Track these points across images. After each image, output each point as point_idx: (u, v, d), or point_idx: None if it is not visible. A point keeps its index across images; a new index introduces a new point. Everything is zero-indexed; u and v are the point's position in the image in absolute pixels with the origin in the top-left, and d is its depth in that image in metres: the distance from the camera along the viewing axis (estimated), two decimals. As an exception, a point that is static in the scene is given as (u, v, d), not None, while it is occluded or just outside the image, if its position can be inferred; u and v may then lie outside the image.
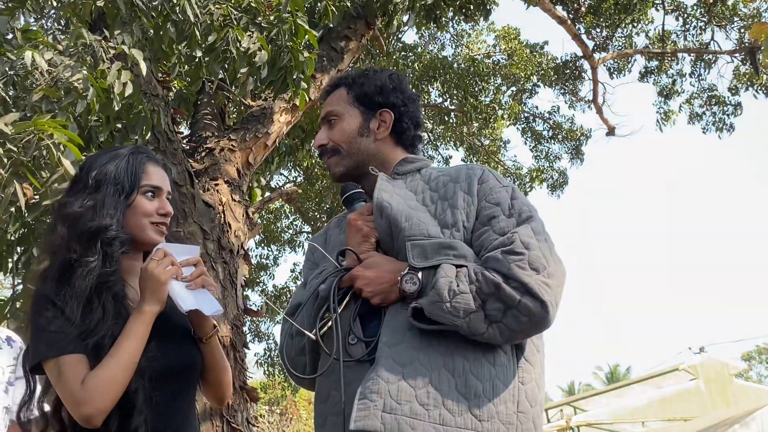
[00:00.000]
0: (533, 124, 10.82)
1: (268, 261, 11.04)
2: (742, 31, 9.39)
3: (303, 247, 10.85)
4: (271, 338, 10.68)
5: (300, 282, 1.91)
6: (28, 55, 2.75)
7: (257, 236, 10.18)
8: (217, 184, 4.40)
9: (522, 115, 10.62)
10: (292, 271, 11.14)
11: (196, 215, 4.04)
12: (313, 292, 1.57)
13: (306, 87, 3.98)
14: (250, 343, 8.41)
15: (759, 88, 9.66)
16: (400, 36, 9.45)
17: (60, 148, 2.48)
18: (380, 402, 1.35)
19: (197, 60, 3.73)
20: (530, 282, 1.37)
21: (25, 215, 2.65)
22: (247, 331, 10.04)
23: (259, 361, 10.61)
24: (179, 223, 3.88)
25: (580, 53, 9.96)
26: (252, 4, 3.84)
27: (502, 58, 10.44)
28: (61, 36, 4.18)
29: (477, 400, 1.37)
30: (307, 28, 3.82)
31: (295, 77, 3.84)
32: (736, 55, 9.72)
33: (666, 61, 10.14)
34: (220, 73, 3.89)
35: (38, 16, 4.65)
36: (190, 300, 1.55)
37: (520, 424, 1.40)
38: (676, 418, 13.01)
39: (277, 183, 9.82)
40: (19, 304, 3.10)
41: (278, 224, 11.08)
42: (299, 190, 8.60)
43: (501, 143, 10.83)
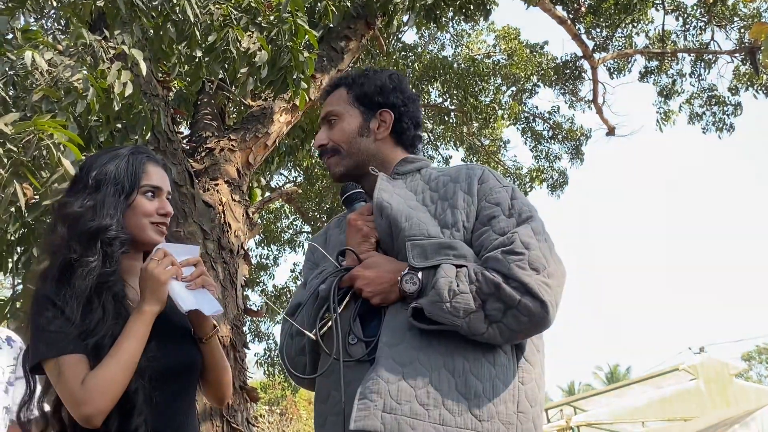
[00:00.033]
0: (533, 124, 10.82)
1: (268, 261, 11.05)
2: (742, 31, 9.38)
3: (303, 247, 10.85)
4: (271, 338, 10.69)
5: (300, 282, 1.90)
6: (28, 55, 2.75)
7: (257, 236, 10.18)
8: (217, 184, 4.40)
9: (522, 115, 10.62)
10: (292, 271, 11.15)
11: (196, 215, 4.04)
12: (313, 292, 1.57)
13: (306, 87, 3.98)
14: (250, 343, 8.40)
15: (759, 88, 9.66)
16: (400, 36, 9.45)
17: (60, 148, 2.48)
18: (380, 402, 1.35)
19: (197, 60, 3.73)
20: (530, 282, 1.37)
21: (25, 215, 2.65)
22: (247, 331, 10.04)
23: (259, 361, 10.61)
24: (179, 223, 3.88)
25: (580, 53, 9.97)
26: (252, 4, 3.84)
27: (502, 58, 10.43)
28: (61, 36, 4.18)
29: (477, 400, 1.37)
30: (307, 28, 3.82)
31: (295, 77, 3.83)
32: (736, 55, 9.71)
33: (666, 61, 10.14)
34: (220, 73, 3.89)
35: (38, 16, 4.65)
36: (190, 300, 1.55)
37: (520, 424, 1.39)
38: (676, 418, 13.01)
39: (277, 183, 9.83)
40: (19, 304, 3.10)
41: (278, 224, 11.08)
42: (299, 190, 8.60)
43: (501, 143, 10.83)
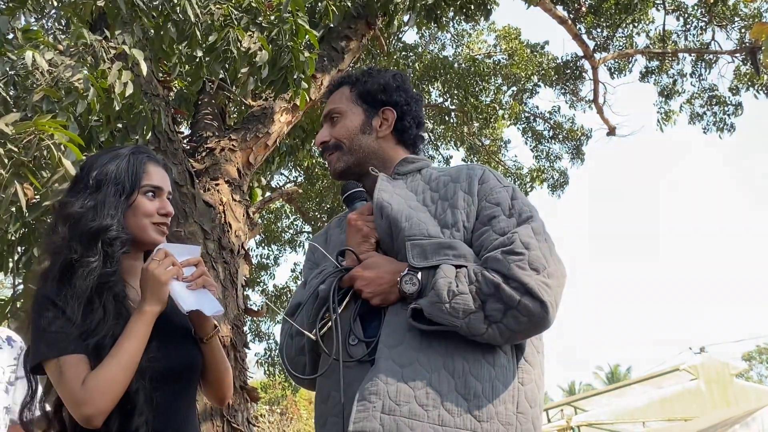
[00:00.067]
0: (534, 124, 10.82)
1: (268, 261, 11.05)
2: (743, 31, 9.37)
3: (303, 247, 10.85)
4: (272, 338, 10.70)
5: (300, 282, 1.90)
6: (28, 55, 2.75)
7: (258, 236, 10.18)
8: (217, 184, 4.40)
9: (522, 115, 10.62)
10: (293, 271, 11.16)
11: (197, 215, 4.04)
12: (313, 292, 1.57)
13: (306, 87, 3.97)
14: (250, 343, 8.38)
15: (760, 88, 9.66)
16: (400, 36, 9.44)
17: (61, 149, 2.48)
18: (379, 403, 1.35)
19: (198, 60, 3.73)
20: (530, 282, 1.37)
21: (26, 215, 2.64)
22: (248, 331, 10.05)
23: (260, 361, 10.62)
24: (180, 223, 3.88)
25: (580, 53, 9.96)
26: (252, 4, 3.84)
27: (502, 58, 10.43)
28: (62, 36, 4.19)
29: (476, 401, 1.37)
30: (308, 28, 3.82)
31: (295, 77, 3.83)
32: (737, 55, 9.71)
33: (667, 61, 10.13)
34: (221, 73, 3.89)
35: (39, 16, 4.65)
36: (191, 300, 1.55)
37: (519, 424, 1.39)
38: (676, 418, 13.01)
39: (277, 183, 9.83)
40: (20, 304, 3.10)
41: (279, 224, 11.08)
42: (300, 190, 8.59)
43: (501, 143, 10.82)
